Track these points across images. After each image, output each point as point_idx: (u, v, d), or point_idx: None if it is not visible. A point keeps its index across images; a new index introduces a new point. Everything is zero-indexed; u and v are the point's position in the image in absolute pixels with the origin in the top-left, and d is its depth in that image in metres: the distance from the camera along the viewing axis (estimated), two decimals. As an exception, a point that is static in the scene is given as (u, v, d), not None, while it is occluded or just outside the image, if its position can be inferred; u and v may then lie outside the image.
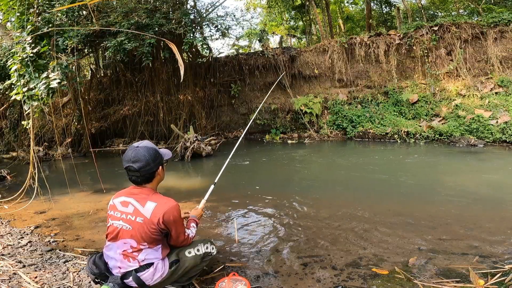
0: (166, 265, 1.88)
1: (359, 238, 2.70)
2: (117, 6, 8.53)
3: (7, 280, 2.10)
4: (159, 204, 1.79)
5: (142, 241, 1.78)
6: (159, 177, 1.89)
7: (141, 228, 1.76)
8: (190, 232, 2.00)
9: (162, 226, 1.77)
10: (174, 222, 1.79)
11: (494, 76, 8.45)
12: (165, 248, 1.89)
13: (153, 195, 1.83)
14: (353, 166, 5.85)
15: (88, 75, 11.56)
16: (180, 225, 1.85)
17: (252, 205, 3.74)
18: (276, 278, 2.13)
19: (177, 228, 1.84)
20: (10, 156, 8.46)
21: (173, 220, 1.78)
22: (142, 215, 1.76)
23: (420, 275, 2.08)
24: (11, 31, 7.84)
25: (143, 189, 1.83)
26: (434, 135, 7.65)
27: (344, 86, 10.20)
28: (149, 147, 1.82)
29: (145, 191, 1.82)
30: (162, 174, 1.91)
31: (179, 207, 1.83)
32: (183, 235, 1.90)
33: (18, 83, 4.22)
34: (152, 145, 1.85)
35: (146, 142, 1.86)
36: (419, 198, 3.85)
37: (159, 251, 1.85)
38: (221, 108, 11.14)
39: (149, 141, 1.87)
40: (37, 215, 3.74)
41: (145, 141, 1.88)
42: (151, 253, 1.83)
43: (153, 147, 1.84)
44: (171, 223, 1.79)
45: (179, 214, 1.82)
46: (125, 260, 1.80)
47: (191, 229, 2.05)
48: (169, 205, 1.79)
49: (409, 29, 9.50)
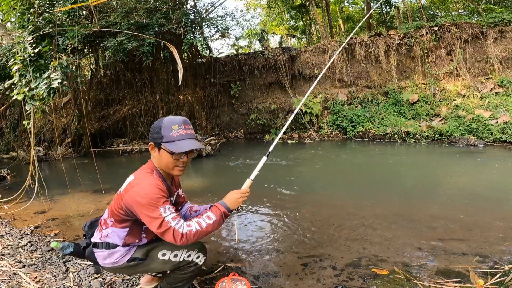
0: (125, 256, 1.66)
1: (359, 238, 2.70)
2: (117, 6, 8.54)
3: (7, 280, 2.10)
4: (135, 179, 1.58)
5: (111, 215, 1.63)
6: (153, 154, 1.62)
7: (114, 201, 1.63)
8: (192, 227, 1.48)
9: (124, 207, 1.55)
10: (137, 206, 1.48)
11: (494, 76, 8.45)
12: (132, 236, 1.65)
13: (144, 169, 1.63)
14: (353, 166, 5.86)
15: (88, 75, 11.56)
16: (148, 211, 1.46)
17: (252, 205, 3.74)
18: (276, 278, 2.13)
19: (145, 215, 1.47)
20: (10, 156, 8.47)
21: (136, 204, 1.48)
22: (122, 187, 1.63)
23: (420, 275, 2.08)
24: (11, 31, 7.85)
25: (148, 162, 1.67)
26: (434, 135, 7.65)
27: (344, 86, 10.20)
28: (159, 120, 1.60)
29: (146, 164, 1.66)
30: (155, 153, 1.61)
31: (154, 191, 1.48)
32: (158, 224, 1.45)
33: (19, 83, 4.23)
34: (161, 120, 1.58)
35: (169, 117, 1.62)
36: (419, 198, 3.85)
37: (122, 236, 1.63)
38: (221, 108, 11.14)
39: (172, 117, 1.60)
40: (37, 215, 3.74)
41: (170, 116, 1.64)
42: (114, 233, 1.64)
43: (158, 122, 1.59)
44: (134, 206, 1.50)
45: (148, 198, 1.45)
46: (98, 229, 1.72)
47: (199, 222, 1.52)
48: (140, 184, 1.51)
49: (409, 29, 9.50)
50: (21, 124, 8.60)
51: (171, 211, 1.49)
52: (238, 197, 1.65)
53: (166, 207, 1.48)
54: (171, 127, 1.54)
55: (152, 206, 1.46)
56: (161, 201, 1.48)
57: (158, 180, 1.57)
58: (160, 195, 1.49)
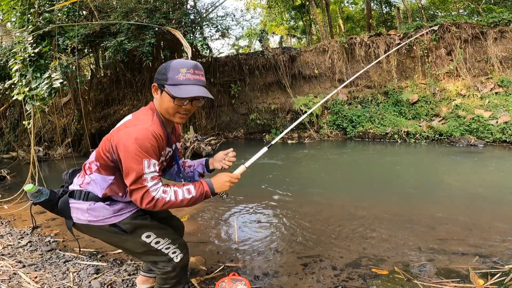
0: (111, 218, 1.48)
1: (359, 238, 2.71)
2: (117, 6, 8.54)
3: (7, 280, 2.10)
4: (132, 119, 1.43)
5: (97, 159, 1.45)
6: (155, 96, 1.45)
7: (103, 142, 1.44)
8: (167, 195, 1.35)
9: (111, 148, 1.38)
10: (123, 149, 1.32)
11: (494, 76, 8.45)
12: (117, 187, 1.47)
13: (145, 109, 1.48)
14: (353, 166, 5.86)
15: (88, 75, 11.56)
16: (131, 160, 1.30)
17: (252, 205, 3.74)
18: (276, 278, 2.13)
19: (125, 162, 1.32)
20: (10, 156, 8.47)
21: (123, 147, 1.32)
22: (115, 127, 1.47)
23: (420, 275, 2.08)
24: (11, 31, 7.84)
25: (150, 103, 1.51)
26: (434, 135, 7.65)
27: (344, 86, 10.19)
28: (169, 61, 1.42)
29: (147, 105, 1.51)
30: (157, 96, 1.44)
31: (148, 138, 1.32)
32: (133, 178, 1.31)
33: (19, 83, 4.23)
34: (171, 61, 1.40)
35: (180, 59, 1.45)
36: (419, 198, 3.85)
37: (104, 185, 1.45)
38: (221, 108, 11.14)
39: (183, 60, 1.42)
40: (37, 215, 3.74)
41: (182, 59, 1.48)
42: (97, 181, 1.46)
43: (167, 63, 1.41)
44: (119, 148, 1.33)
45: (137, 145, 1.30)
46: (79, 174, 1.54)
47: (176, 192, 1.38)
48: (136, 126, 1.35)
49: (409, 29, 9.50)
50: (21, 124, 8.60)
51: (155, 168, 1.35)
52: (227, 180, 1.49)
53: (152, 162, 1.34)
54: (179, 69, 1.37)
55: (138, 156, 1.30)
56: (150, 153, 1.33)
57: (157, 125, 1.41)
58: (152, 145, 1.33)
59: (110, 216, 1.49)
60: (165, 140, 1.45)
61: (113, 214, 1.49)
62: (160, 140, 1.38)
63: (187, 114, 1.46)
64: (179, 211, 3.47)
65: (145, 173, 1.32)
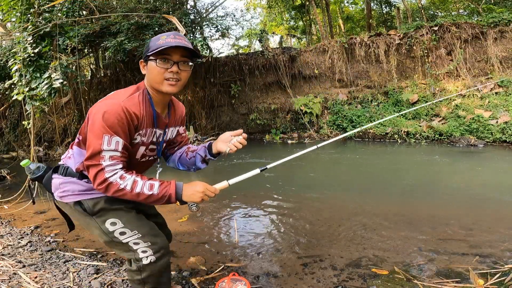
0: (74, 195, 1.36)
1: (359, 238, 2.71)
2: (117, 6, 8.54)
3: (7, 280, 2.10)
4: (111, 94, 1.35)
5: (80, 131, 1.36)
6: (143, 72, 1.39)
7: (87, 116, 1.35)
8: (124, 182, 1.22)
9: (86, 120, 1.30)
10: (91, 120, 1.24)
11: (494, 76, 8.45)
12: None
13: (131, 87, 1.40)
14: (353, 166, 5.86)
15: (88, 75, 11.56)
16: (94, 133, 1.22)
17: (252, 205, 3.74)
18: (276, 278, 2.13)
19: (89, 135, 1.24)
20: (10, 156, 8.47)
21: (92, 118, 1.24)
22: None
23: (420, 275, 2.08)
24: (11, 31, 7.84)
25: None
26: (434, 135, 7.65)
27: (344, 86, 10.20)
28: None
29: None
30: (144, 71, 1.38)
31: (117, 114, 1.22)
32: (90, 153, 1.22)
33: (19, 83, 4.23)
34: (162, 34, 1.31)
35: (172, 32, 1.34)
36: (419, 198, 3.85)
37: (79, 159, 1.36)
38: (221, 108, 11.14)
39: (174, 33, 1.31)
40: (37, 215, 3.74)
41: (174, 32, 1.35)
42: (76, 155, 1.38)
43: (158, 34, 1.34)
44: (89, 121, 1.26)
45: (103, 119, 1.20)
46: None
47: (136, 182, 1.24)
48: (111, 99, 1.28)
49: (409, 29, 9.50)
50: (21, 124, 8.59)
51: (116, 147, 1.22)
52: (200, 191, 1.31)
53: (114, 139, 1.22)
54: (159, 37, 1.29)
55: (99, 130, 1.20)
56: (115, 130, 1.21)
57: (135, 101, 1.29)
58: (119, 121, 1.21)
59: (79, 193, 1.36)
60: (147, 118, 1.33)
61: (83, 191, 1.36)
62: (132, 117, 1.26)
63: (178, 81, 1.32)
64: (178, 211, 3.47)
65: (103, 149, 1.20)
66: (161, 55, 1.27)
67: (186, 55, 1.31)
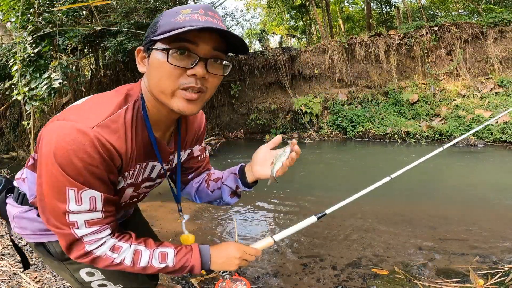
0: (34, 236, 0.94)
1: (359, 238, 2.71)
2: (117, 6, 8.54)
3: (7, 280, 2.10)
4: (82, 104, 0.80)
5: (36, 150, 0.82)
6: (141, 68, 0.89)
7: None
8: (118, 255, 0.82)
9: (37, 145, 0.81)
10: (38, 160, 0.76)
11: (494, 76, 8.45)
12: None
13: (118, 89, 0.89)
14: (353, 166, 5.86)
15: (88, 75, 11.56)
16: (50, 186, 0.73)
17: (252, 205, 3.74)
18: (276, 278, 2.13)
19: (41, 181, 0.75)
20: (10, 156, 8.47)
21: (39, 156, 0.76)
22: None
23: (420, 275, 2.08)
24: (11, 31, 7.84)
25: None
26: (434, 135, 7.65)
27: (344, 86, 10.19)
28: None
29: (131, 84, 0.93)
30: (143, 67, 0.87)
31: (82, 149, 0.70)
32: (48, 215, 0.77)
33: (19, 83, 4.23)
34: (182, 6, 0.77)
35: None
36: (419, 198, 3.85)
37: (34, 189, 0.86)
38: (221, 108, 11.14)
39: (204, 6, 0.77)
40: (37, 215, 3.73)
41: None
42: (28, 181, 0.92)
43: (155, 19, 0.80)
44: (38, 149, 0.78)
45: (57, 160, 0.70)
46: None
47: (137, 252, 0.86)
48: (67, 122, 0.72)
49: (409, 29, 9.50)
50: (21, 124, 8.59)
51: (92, 206, 0.76)
52: (236, 257, 0.96)
53: (86, 194, 0.74)
54: (179, 11, 0.75)
55: (58, 180, 0.72)
56: (83, 180, 0.72)
57: (121, 124, 0.77)
58: (87, 166, 0.71)
59: (40, 233, 0.93)
60: (138, 151, 0.84)
61: (44, 230, 0.92)
62: (112, 155, 0.75)
63: (202, 93, 0.78)
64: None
65: (69, 211, 0.74)
66: (179, 42, 0.73)
67: (221, 48, 0.78)
